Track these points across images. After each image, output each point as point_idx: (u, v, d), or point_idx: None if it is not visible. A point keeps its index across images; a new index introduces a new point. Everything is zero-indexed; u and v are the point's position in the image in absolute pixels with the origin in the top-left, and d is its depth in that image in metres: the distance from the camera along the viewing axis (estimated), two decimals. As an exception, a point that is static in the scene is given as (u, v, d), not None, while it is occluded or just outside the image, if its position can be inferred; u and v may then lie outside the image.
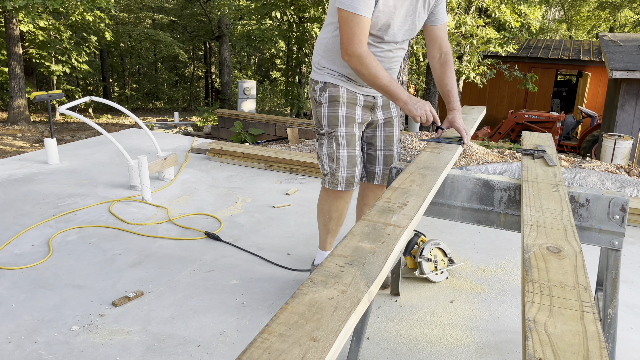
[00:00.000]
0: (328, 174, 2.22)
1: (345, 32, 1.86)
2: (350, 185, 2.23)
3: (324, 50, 2.14)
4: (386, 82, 1.91)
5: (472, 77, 11.00)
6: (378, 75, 1.90)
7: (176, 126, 11.70)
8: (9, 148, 10.04)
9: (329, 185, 2.23)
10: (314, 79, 2.21)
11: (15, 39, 12.42)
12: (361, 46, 1.86)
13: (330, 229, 2.37)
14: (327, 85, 2.15)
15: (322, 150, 2.22)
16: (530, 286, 0.99)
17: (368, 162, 2.38)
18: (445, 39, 2.21)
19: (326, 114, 2.16)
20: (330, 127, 2.16)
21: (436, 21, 2.15)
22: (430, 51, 2.22)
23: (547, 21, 26.63)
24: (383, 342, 2.05)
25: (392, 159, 2.36)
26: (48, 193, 3.79)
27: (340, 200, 2.28)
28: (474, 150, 5.63)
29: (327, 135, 2.17)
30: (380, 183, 2.39)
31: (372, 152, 2.35)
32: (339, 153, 2.17)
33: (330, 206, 2.30)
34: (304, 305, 0.92)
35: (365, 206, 2.49)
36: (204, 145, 5.20)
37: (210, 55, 24.27)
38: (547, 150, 2.10)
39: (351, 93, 2.16)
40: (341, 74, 2.12)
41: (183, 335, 2.08)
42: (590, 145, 10.66)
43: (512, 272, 2.70)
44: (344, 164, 2.18)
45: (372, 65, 1.88)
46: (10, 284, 2.45)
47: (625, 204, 1.58)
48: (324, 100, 2.15)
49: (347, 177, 2.20)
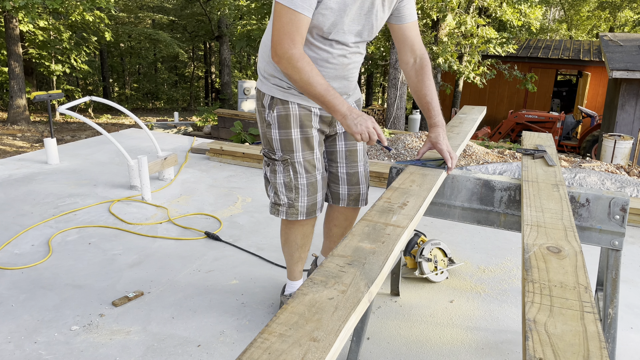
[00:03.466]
0: (285, 204, 1.92)
1: (277, 30, 1.60)
2: (312, 214, 1.96)
3: (269, 54, 1.79)
4: (321, 91, 1.60)
5: (472, 77, 11.00)
6: (312, 81, 1.59)
7: (176, 126, 11.71)
8: (8, 148, 10.04)
9: (286, 216, 1.94)
10: (260, 89, 1.89)
11: (15, 38, 12.42)
12: (293, 47, 1.59)
13: (298, 257, 2.10)
14: (274, 101, 1.83)
15: (276, 178, 1.91)
16: (531, 286, 0.99)
17: (331, 181, 2.06)
18: (417, 39, 1.88)
19: (278, 137, 1.85)
20: (284, 152, 1.86)
21: (403, 19, 1.83)
22: (403, 56, 1.90)
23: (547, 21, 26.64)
24: (383, 342, 2.05)
25: (358, 176, 2.03)
26: (48, 193, 3.79)
27: (306, 226, 2.01)
28: (474, 150, 5.63)
29: (282, 162, 1.87)
30: (346, 205, 2.07)
31: (333, 169, 2.04)
32: (297, 181, 1.88)
33: (296, 234, 2.03)
34: (304, 306, 0.92)
35: (335, 227, 2.17)
36: (203, 145, 5.20)
37: (210, 55, 24.27)
38: (547, 150, 2.10)
39: (304, 109, 1.84)
40: (290, 85, 1.80)
41: (183, 335, 2.08)
42: (590, 145, 10.67)
43: (512, 272, 2.70)
44: (304, 193, 1.90)
45: (305, 69, 1.58)
46: (10, 284, 2.45)
47: (625, 204, 1.58)
48: (273, 121, 1.84)
49: (308, 205, 1.93)
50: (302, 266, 2.16)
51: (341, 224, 2.15)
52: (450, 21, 9.70)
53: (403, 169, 1.80)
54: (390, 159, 5.52)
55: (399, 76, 6.72)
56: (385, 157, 5.58)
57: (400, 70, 6.84)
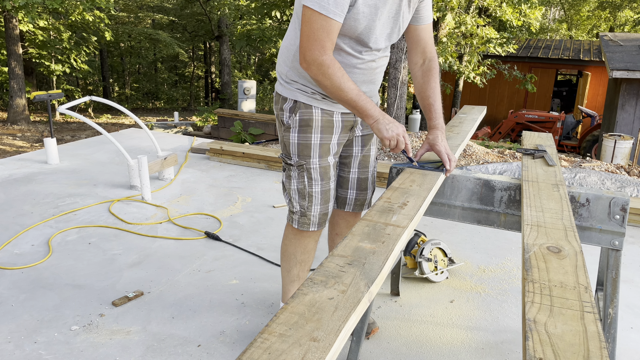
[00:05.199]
0: (297, 212, 1.88)
1: (307, 35, 1.57)
2: (323, 224, 1.92)
3: (292, 60, 1.77)
4: (354, 96, 1.59)
5: (472, 77, 11.00)
6: (343, 87, 1.58)
7: (176, 126, 11.70)
8: (8, 148, 10.04)
9: (298, 225, 1.90)
10: (281, 94, 1.83)
11: (15, 38, 12.42)
12: (324, 53, 1.56)
13: (295, 276, 2.00)
14: (297, 105, 1.79)
15: (290, 184, 1.87)
16: (531, 286, 0.99)
17: (338, 185, 2.03)
18: (430, 42, 1.88)
19: (296, 141, 1.80)
20: (301, 157, 1.82)
21: (420, 20, 1.83)
22: (412, 56, 1.90)
23: (547, 21, 26.64)
24: (383, 342, 2.05)
25: (367, 182, 2.03)
26: (48, 193, 3.79)
27: (309, 239, 1.95)
28: (474, 150, 5.63)
29: (297, 167, 1.83)
30: (351, 210, 2.05)
31: (344, 174, 2.01)
32: (312, 189, 1.84)
33: (297, 247, 1.95)
34: (304, 305, 0.92)
35: (337, 236, 2.16)
36: (203, 145, 5.20)
37: (210, 55, 24.26)
38: (547, 150, 2.10)
39: (327, 114, 1.80)
40: (315, 90, 1.77)
41: (183, 335, 2.08)
42: (590, 145, 10.67)
43: (512, 272, 2.70)
44: (317, 201, 1.86)
45: (336, 75, 1.57)
46: (10, 284, 2.45)
47: (625, 204, 1.58)
48: (294, 124, 1.80)
49: (320, 215, 1.89)
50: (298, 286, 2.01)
51: (342, 232, 2.14)
52: (450, 21, 9.70)
53: (403, 169, 1.80)
54: (390, 158, 5.51)
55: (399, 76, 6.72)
56: (385, 157, 5.57)
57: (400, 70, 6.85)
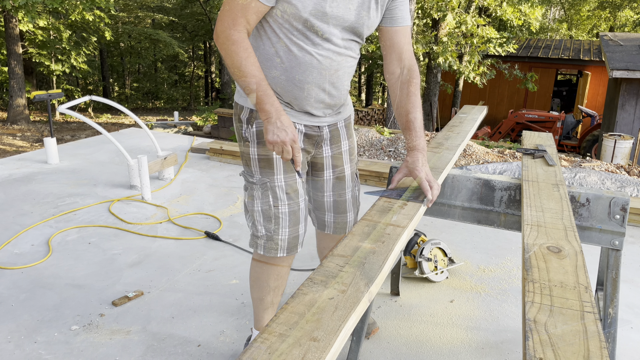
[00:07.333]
0: (263, 237, 1.66)
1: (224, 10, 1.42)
2: (293, 249, 1.69)
3: None
4: (251, 83, 1.39)
5: (472, 77, 11.00)
6: (243, 70, 1.39)
7: (176, 126, 11.70)
8: (8, 148, 10.04)
9: (264, 251, 1.67)
10: (238, 102, 1.64)
11: (14, 38, 12.41)
12: (233, 27, 1.39)
13: (269, 303, 1.79)
14: (253, 114, 1.59)
15: (253, 204, 1.65)
16: (531, 286, 0.99)
17: (316, 208, 1.85)
18: (407, 47, 1.62)
19: (256, 156, 1.60)
20: (263, 174, 1.61)
21: (395, 21, 1.59)
22: (388, 65, 1.63)
23: (547, 21, 26.63)
24: (383, 342, 2.05)
25: (345, 204, 1.82)
26: (48, 193, 3.78)
27: (280, 266, 1.72)
28: (474, 150, 5.63)
29: (261, 186, 1.62)
30: (332, 233, 1.87)
31: (318, 197, 1.82)
32: (278, 209, 1.62)
33: (269, 274, 1.73)
34: (304, 305, 0.92)
35: (325, 249, 1.98)
36: (203, 145, 5.19)
37: (210, 55, 24.25)
38: (547, 150, 2.10)
39: None
40: None
41: (183, 335, 2.08)
42: (590, 145, 10.66)
43: (512, 272, 2.70)
44: (285, 223, 1.63)
45: (239, 55, 1.39)
46: (10, 284, 2.45)
47: (625, 204, 1.58)
48: (252, 137, 1.60)
49: (290, 239, 1.66)
50: (273, 313, 1.82)
51: (329, 246, 1.97)
52: (450, 21, 9.71)
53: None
54: (390, 158, 5.51)
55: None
56: (385, 157, 5.57)
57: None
